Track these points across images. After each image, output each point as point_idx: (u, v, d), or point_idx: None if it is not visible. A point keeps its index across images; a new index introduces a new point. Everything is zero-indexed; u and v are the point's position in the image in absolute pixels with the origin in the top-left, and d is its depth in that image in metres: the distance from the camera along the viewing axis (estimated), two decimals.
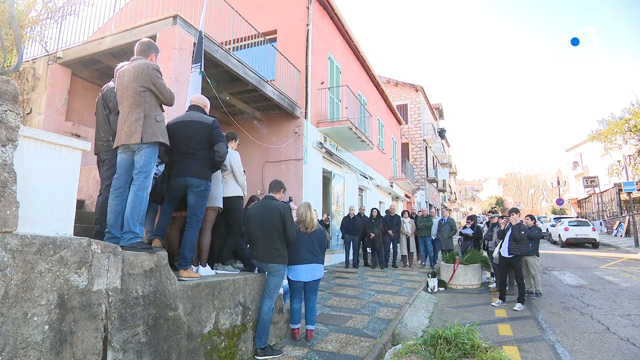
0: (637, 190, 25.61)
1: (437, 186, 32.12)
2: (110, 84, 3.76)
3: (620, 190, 26.75)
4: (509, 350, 4.80)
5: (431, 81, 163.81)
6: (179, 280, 3.38)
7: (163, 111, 3.48)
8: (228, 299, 3.86)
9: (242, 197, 4.54)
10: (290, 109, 10.49)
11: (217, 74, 8.26)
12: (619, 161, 27.69)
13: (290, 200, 9.64)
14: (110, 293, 2.62)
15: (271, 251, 4.30)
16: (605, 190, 31.11)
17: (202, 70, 6.01)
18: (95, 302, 2.51)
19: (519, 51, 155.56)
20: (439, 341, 2.81)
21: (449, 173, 38.84)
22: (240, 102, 9.99)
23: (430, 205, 26.55)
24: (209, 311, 3.58)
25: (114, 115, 3.50)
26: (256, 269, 4.64)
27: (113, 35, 7.27)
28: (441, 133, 33.97)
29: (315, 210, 9.54)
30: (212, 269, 4.26)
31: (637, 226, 19.95)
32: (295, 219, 4.84)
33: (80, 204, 5.73)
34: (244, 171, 4.82)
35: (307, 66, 11.21)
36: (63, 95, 8.02)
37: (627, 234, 23.19)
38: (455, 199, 49.97)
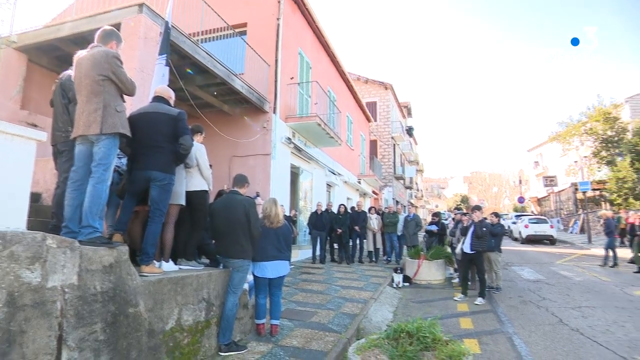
0: (592, 189, 26.89)
1: (404, 183, 32.64)
2: (68, 72, 3.60)
3: (577, 189, 27.99)
4: (470, 343, 4.94)
5: (400, 80, 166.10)
6: (140, 275, 3.29)
7: (124, 101, 3.36)
8: (191, 294, 3.80)
9: (207, 191, 4.45)
10: (259, 104, 10.40)
11: (184, 66, 8.08)
12: (575, 162, 28.99)
13: (258, 195, 9.57)
14: (66, 290, 2.52)
15: (235, 247, 4.26)
16: (563, 189, 32.49)
17: (169, 61, 5.85)
18: (49, 300, 2.40)
19: (486, 52, 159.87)
20: (402, 335, 2.86)
21: (416, 170, 39.55)
22: (208, 95, 9.82)
23: (397, 202, 26.94)
24: (171, 307, 3.51)
25: (74, 105, 3.35)
26: (221, 264, 4.58)
27: (74, 21, 6.98)
28: (409, 131, 34.51)
29: (282, 206, 9.51)
30: (176, 264, 4.18)
31: (591, 224, 21.01)
32: (260, 214, 4.81)
33: (36, 197, 5.50)
34: (210, 165, 4.74)
35: (276, 61, 11.12)
36: (18, 82, 7.65)
37: (582, 231, 24.29)
38: (422, 196, 50.95)
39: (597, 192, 27.31)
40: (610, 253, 12.08)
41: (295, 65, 12.45)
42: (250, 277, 4.83)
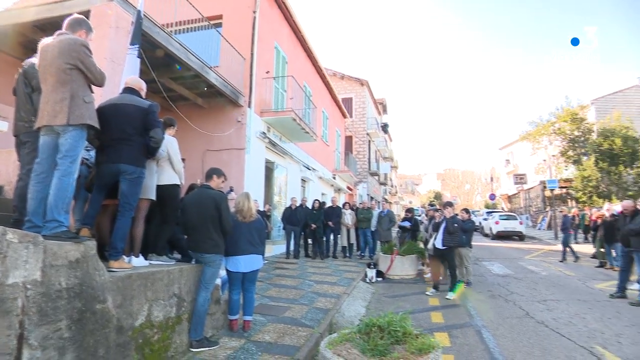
0: (559, 187, 27.81)
1: (379, 179, 32.93)
2: (32, 59, 3.45)
3: (545, 187, 28.90)
4: (440, 336, 5.05)
5: (376, 76, 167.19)
6: (108, 271, 3.20)
7: (92, 92, 3.25)
8: (162, 290, 3.73)
9: (179, 185, 4.37)
10: (234, 97, 10.27)
11: (157, 57, 7.89)
12: (544, 160, 29.92)
13: (232, 190, 9.46)
14: (28, 286, 2.43)
15: (207, 241, 4.21)
16: (532, 187, 33.48)
17: (140, 52, 5.69)
18: (9, 297, 2.31)
19: (461, 51, 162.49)
20: (373, 329, 2.89)
21: (391, 167, 39.94)
22: (182, 87, 9.63)
23: (371, 197, 27.17)
24: (141, 303, 3.44)
25: (38, 94, 3.21)
26: (193, 259, 4.51)
27: (40, 6, 6.70)
28: (384, 127, 34.79)
29: (256, 200, 9.43)
30: (146, 259, 4.09)
31: (558, 220, 21.71)
32: (233, 208, 4.77)
33: None
34: (183, 159, 4.66)
35: (252, 54, 11.00)
36: None
37: (549, 227, 25.09)
38: (396, 192, 51.57)
39: (564, 190, 28.26)
40: (568, 249, 12.58)
41: (271, 59, 12.34)
42: (223, 272, 4.79)
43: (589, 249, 13.99)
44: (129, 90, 3.88)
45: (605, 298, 7.32)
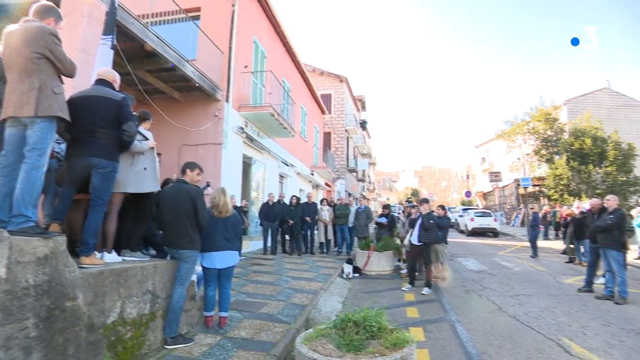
0: (532, 185, 28.55)
1: (357, 176, 33.10)
2: None
3: (519, 185, 29.61)
4: (415, 331, 5.12)
5: (355, 73, 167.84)
6: (79, 267, 3.12)
7: (62, 83, 3.14)
8: (135, 286, 3.66)
9: None
10: (211, 91, 10.12)
11: (132, 49, 7.71)
12: (518, 159, 30.68)
13: (208, 185, 9.36)
14: None
15: (182, 237, 4.14)
16: (507, 185, 34.23)
17: (115, 42, 5.54)
18: None
19: (440, 51, 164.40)
20: (349, 324, 2.90)
21: (369, 163, 40.21)
22: (158, 80, 9.43)
23: (349, 194, 27.29)
24: (113, 300, 3.36)
25: (2, 83, 3.07)
26: (168, 255, 4.44)
27: None
28: (363, 124, 34.94)
29: (233, 196, 9.34)
30: (119, 255, 4.00)
31: (530, 217, 22.25)
32: (209, 204, 4.71)
33: None
34: (159, 154, 4.57)
35: (230, 48, 10.86)
36: None
37: (522, 224, 25.71)
38: (374, 189, 51.97)
39: (537, 188, 29.00)
40: (538, 244, 12.96)
41: (249, 54, 12.22)
42: (198, 268, 4.73)
43: (559, 245, 14.40)
44: (101, 82, 3.76)
45: (573, 292, 7.54)
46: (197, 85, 9.51)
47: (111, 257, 3.80)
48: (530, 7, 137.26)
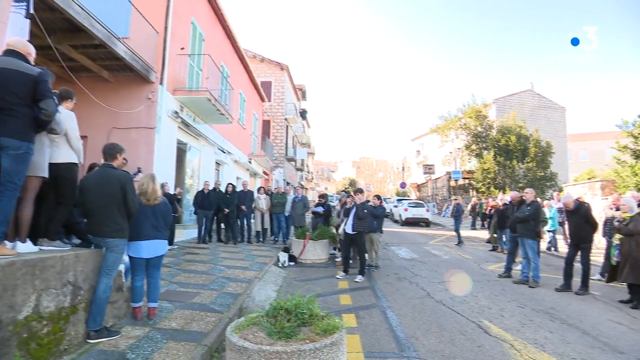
0: (462, 178, 30.26)
1: (296, 165, 33.15)
2: None
3: (450, 177, 31.22)
4: (348, 317, 5.25)
5: (296, 62, 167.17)
6: None
7: None
8: (54, 278, 3.41)
9: (76, 164, 4.00)
10: (144, 72, 9.60)
11: (54, 21, 7.10)
12: (450, 152, 32.31)
13: (140, 171, 8.94)
14: None
15: (110, 225, 3.92)
16: (439, 177, 35.97)
17: (31, 11, 5.05)
18: None
19: (380, 44, 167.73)
20: (280, 312, 2.91)
21: (308, 153, 40.41)
22: (84, 57, 8.76)
23: (287, 183, 27.28)
24: (26, 294, 3.11)
25: None
26: (93, 244, 4.18)
27: None
28: (303, 114, 34.95)
29: (167, 183, 9.01)
30: (36, 244, 3.70)
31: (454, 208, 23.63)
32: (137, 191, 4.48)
33: None
34: (84, 136, 4.26)
35: (166, 28, 10.35)
36: None
37: (453, 214, 27.16)
38: (312, 179, 52.32)
39: (467, 181, 30.77)
40: (462, 233, 13.81)
41: (187, 35, 11.72)
42: (126, 258, 4.51)
43: (485, 234, 15.40)
44: (12, 53, 3.38)
45: (494, 278, 8.12)
46: (128, 65, 8.97)
47: (25, 246, 3.50)
48: (474, 6, 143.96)
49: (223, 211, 11.14)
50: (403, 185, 39.77)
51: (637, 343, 4.55)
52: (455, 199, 15.92)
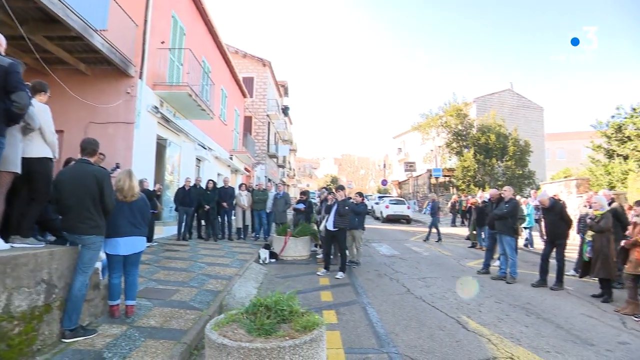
0: (443, 176, 30.65)
1: (277, 162, 33.02)
2: None
3: (431, 175, 31.57)
4: (328, 314, 5.27)
5: (279, 58, 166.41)
6: None
7: None
8: (27, 276, 3.31)
9: (51, 159, 3.89)
10: (123, 66, 9.39)
11: (27, 10, 6.87)
12: (431, 150, 32.66)
13: (118, 167, 8.76)
14: None
15: (86, 222, 3.83)
16: (420, 175, 36.32)
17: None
18: None
19: (363, 42, 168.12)
20: (260, 309, 2.89)
21: (290, 150, 40.26)
22: (60, 49, 8.52)
23: (269, 179, 27.17)
24: None
25: None
26: (68, 241, 4.08)
27: None
28: (285, 110, 34.79)
29: (146, 179, 8.87)
30: (7, 242, 3.59)
31: (440, 206, 23.88)
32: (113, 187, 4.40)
33: None
34: (61, 131, 4.15)
35: (146, 21, 10.14)
36: None
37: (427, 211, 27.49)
38: (294, 175, 52.29)
39: (447, 179, 31.16)
40: (434, 230, 13.94)
41: (167, 29, 11.53)
42: (103, 255, 4.43)
43: (464, 231, 15.62)
44: None
45: (473, 274, 8.25)
46: (107, 58, 8.77)
47: None
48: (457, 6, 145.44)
49: (204, 208, 11.02)
50: (384, 182, 40.08)
51: (606, 335, 4.72)
52: (432, 197, 16.12)
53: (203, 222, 11.68)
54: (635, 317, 5.41)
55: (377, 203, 26.36)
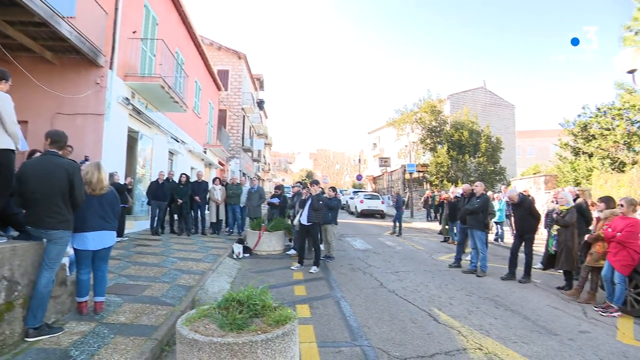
0: (417, 171, 31.06)
1: (252, 156, 32.78)
2: None
3: (405, 170, 31.92)
4: (302, 308, 5.28)
5: (255, 51, 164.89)
6: None
7: None
8: None
9: (12, 150, 3.72)
10: (92, 55, 9.08)
11: None
12: (406, 146, 33.04)
13: (87, 159, 8.49)
14: None
15: (54, 216, 3.71)
16: (395, 170, 36.71)
17: None
18: None
19: (338, 37, 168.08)
20: (232, 304, 2.87)
21: (265, 144, 40.04)
22: (24, 35, 8.15)
23: (243, 173, 26.94)
24: None
25: None
26: (32, 236, 3.93)
27: None
28: (260, 104, 34.51)
29: (116, 172, 8.65)
30: None
31: (414, 201, 24.33)
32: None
33: None
34: (25, 121, 3.98)
35: (117, 9, 9.82)
36: None
37: (407, 207, 27.85)
38: (269, 170, 52.03)
39: (421, 174, 31.59)
40: (397, 223, 14.22)
41: (139, 19, 11.21)
42: (71, 251, 4.29)
43: (437, 226, 15.89)
44: None
45: (445, 268, 8.40)
46: (74, 46, 8.46)
47: None
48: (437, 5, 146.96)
49: (176, 202, 10.85)
50: (359, 177, 40.34)
51: (569, 325, 4.92)
52: (397, 191, 16.39)
53: (176, 217, 11.50)
54: (595, 306, 5.67)
55: (351, 198, 26.50)
